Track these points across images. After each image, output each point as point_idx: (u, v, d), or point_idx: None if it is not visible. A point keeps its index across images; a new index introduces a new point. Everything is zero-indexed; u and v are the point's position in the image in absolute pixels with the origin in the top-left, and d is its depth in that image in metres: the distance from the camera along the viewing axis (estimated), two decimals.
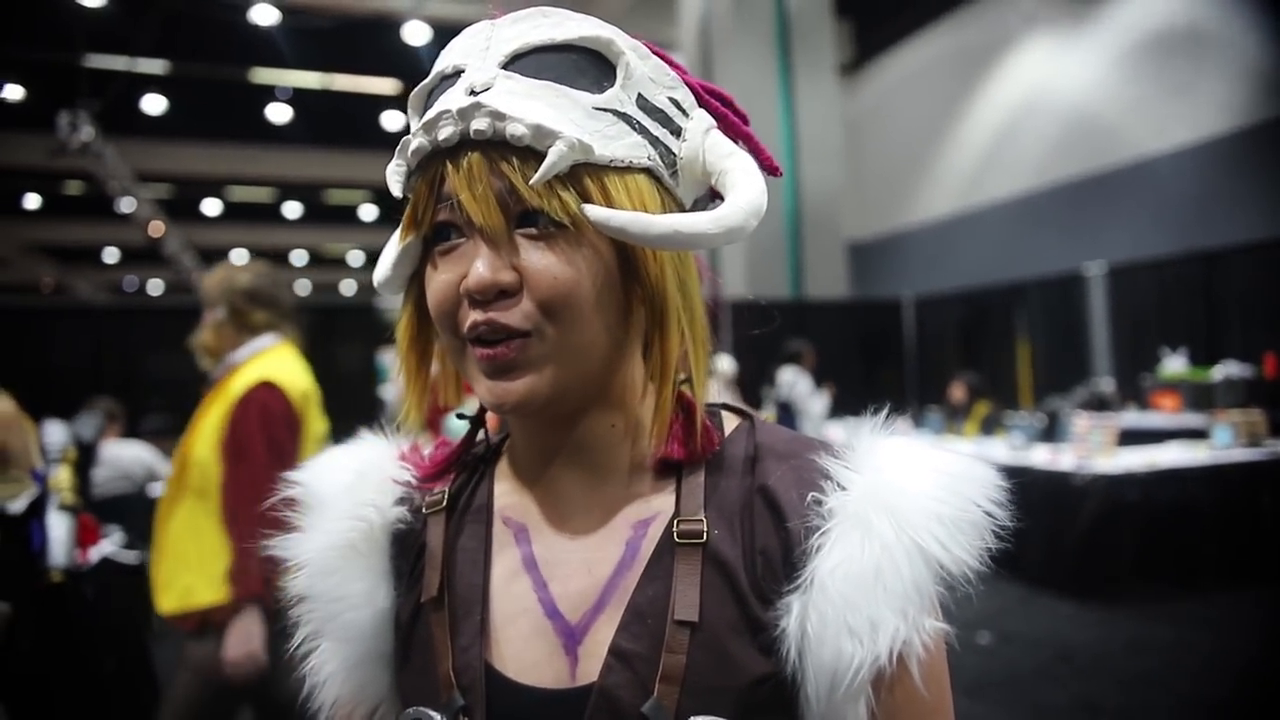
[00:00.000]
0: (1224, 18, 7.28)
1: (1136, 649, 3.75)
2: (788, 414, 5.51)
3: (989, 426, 6.07)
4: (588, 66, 0.53)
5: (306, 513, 0.64)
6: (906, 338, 9.42)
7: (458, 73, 0.54)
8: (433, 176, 0.53)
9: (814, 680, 0.50)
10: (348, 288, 24.49)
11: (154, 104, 11.53)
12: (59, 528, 2.70)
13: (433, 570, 0.60)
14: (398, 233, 0.59)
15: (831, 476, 0.54)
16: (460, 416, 0.66)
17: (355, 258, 22.15)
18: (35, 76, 10.10)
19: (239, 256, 20.47)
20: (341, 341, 8.10)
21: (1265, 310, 6.17)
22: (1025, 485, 4.85)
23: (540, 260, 0.51)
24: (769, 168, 0.59)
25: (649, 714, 0.50)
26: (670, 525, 0.55)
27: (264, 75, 11.81)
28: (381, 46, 10.34)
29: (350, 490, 0.64)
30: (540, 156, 0.50)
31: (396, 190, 0.55)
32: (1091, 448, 4.71)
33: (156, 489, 5.04)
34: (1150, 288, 7.12)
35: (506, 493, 0.63)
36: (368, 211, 18.17)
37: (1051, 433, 5.45)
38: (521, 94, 0.51)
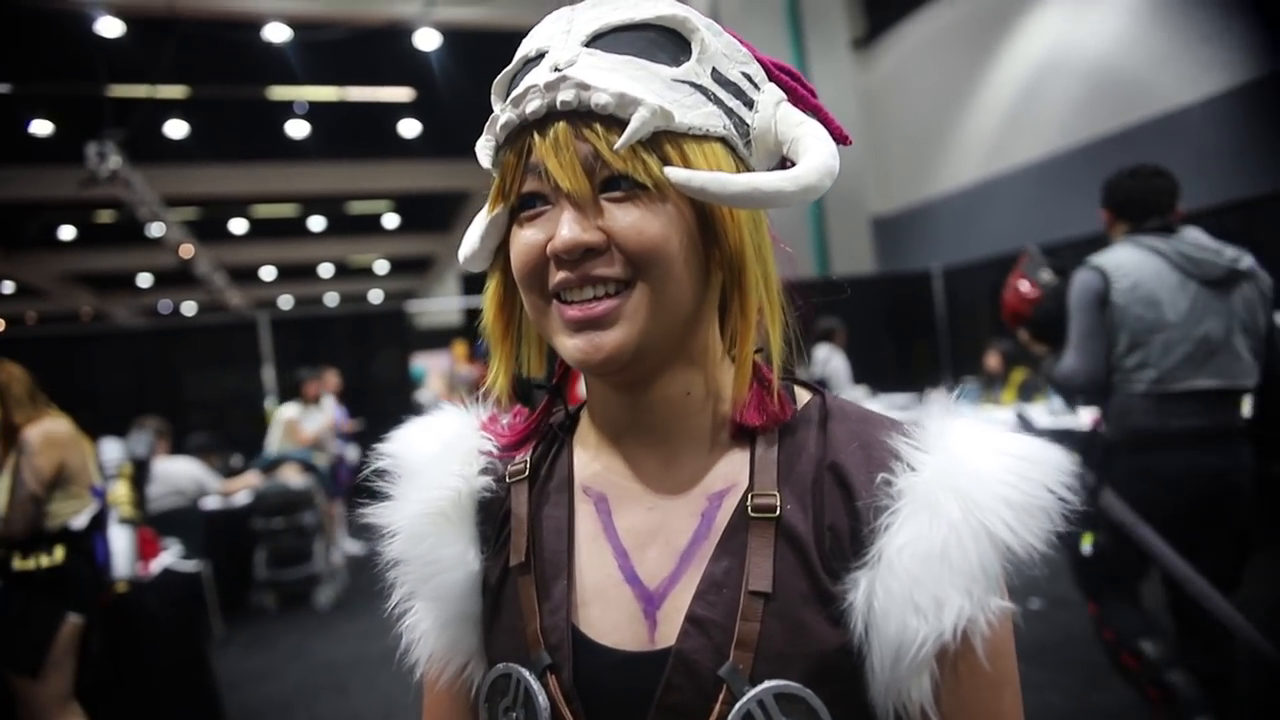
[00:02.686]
0: None
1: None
2: None
3: (1027, 393, 5.99)
4: (665, 43, 0.56)
5: (397, 482, 0.67)
6: (937, 309, 9.33)
7: (541, 55, 0.57)
8: (520, 148, 0.55)
9: (879, 653, 0.52)
10: (375, 296, 24.79)
11: (176, 129, 11.75)
12: (120, 540, 2.79)
13: (519, 537, 0.63)
14: (484, 209, 0.62)
15: (901, 457, 0.56)
16: (538, 387, 0.69)
17: (381, 266, 22.41)
18: (61, 110, 10.34)
19: (268, 273, 20.84)
20: (375, 349, 8.21)
21: None
22: (1069, 448, 4.78)
23: (626, 218, 0.54)
24: (839, 136, 0.61)
25: (725, 677, 0.53)
26: (744, 499, 0.58)
27: (280, 92, 11.97)
28: (394, 55, 10.42)
29: (438, 460, 0.67)
30: (623, 124, 0.52)
31: (486, 162, 0.58)
32: None
33: (211, 503, 5.18)
34: None
35: (586, 462, 0.66)
36: (390, 220, 18.37)
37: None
38: (605, 68, 0.54)
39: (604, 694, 0.56)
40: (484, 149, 0.58)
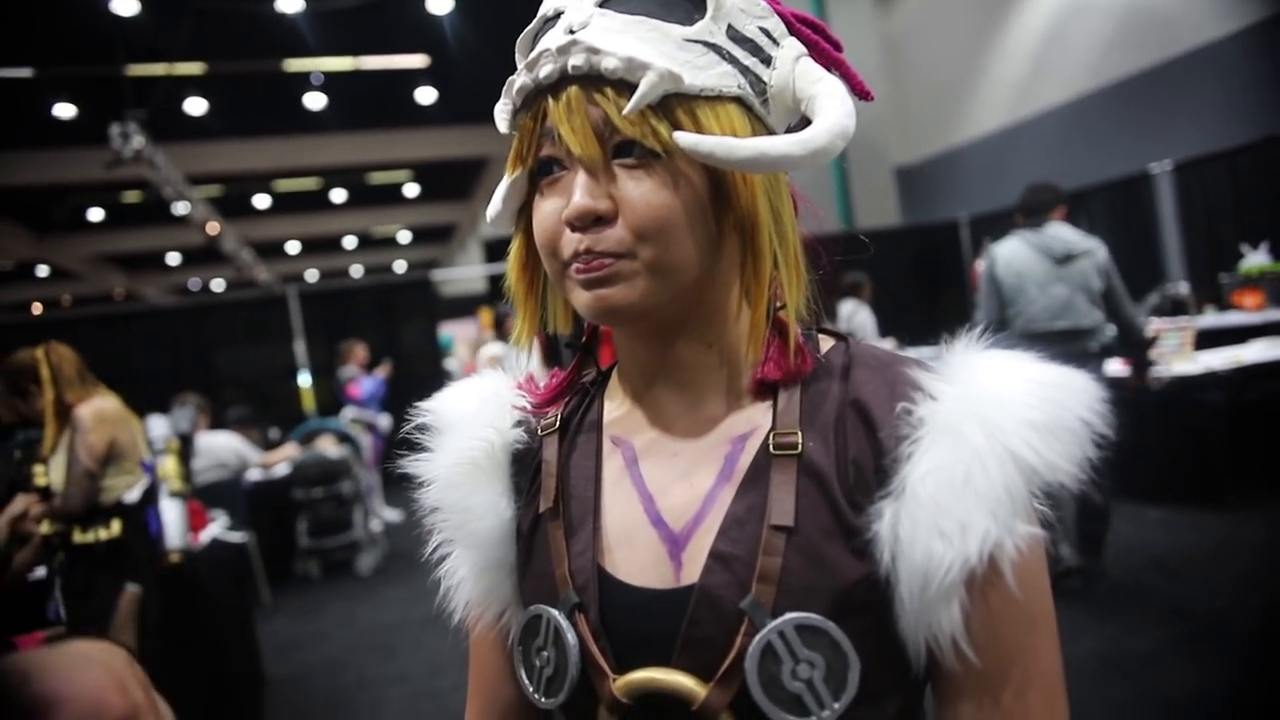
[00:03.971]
0: None
1: (1228, 551, 3.68)
2: None
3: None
4: (679, 1, 0.56)
5: (436, 436, 0.70)
6: (966, 260, 9.18)
7: (558, 15, 0.57)
8: (536, 112, 0.56)
9: (907, 581, 0.52)
10: (399, 267, 24.90)
11: (196, 106, 11.77)
12: (171, 513, 2.89)
13: (549, 483, 0.66)
14: (506, 170, 0.63)
15: (923, 387, 0.56)
16: (568, 345, 0.71)
17: (404, 236, 22.47)
18: (83, 92, 10.39)
19: (293, 247, 21.00)
20: (403, 318, 8.28)
21: None
22: (1135, 399, 4.72)
23: (635, 189, 0.54)
24: (860, 92, 0.61)
25: (747, 610, 0.54)
26: (767, 439, 0.58)
27: (296, 65, 11.92)
28: (407, 22, 10.32)
29: (474, 415, 0.70)
30: (633, 88, 0.53)
31: (503, 127, 0.59)
32: (1168, 353, 4.57)
33: (253, 475, 5.31)
34: (1223, 181, 6.77)
35: (614, 413, 0.68)
36: (411, 190, 18.37)
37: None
38: (616, 30, 0.54)
39: (631, 630, 0.58)
40: (501, 113, 0.59)
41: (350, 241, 21.98)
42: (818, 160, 0.54)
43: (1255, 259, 5.96)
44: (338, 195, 17.82)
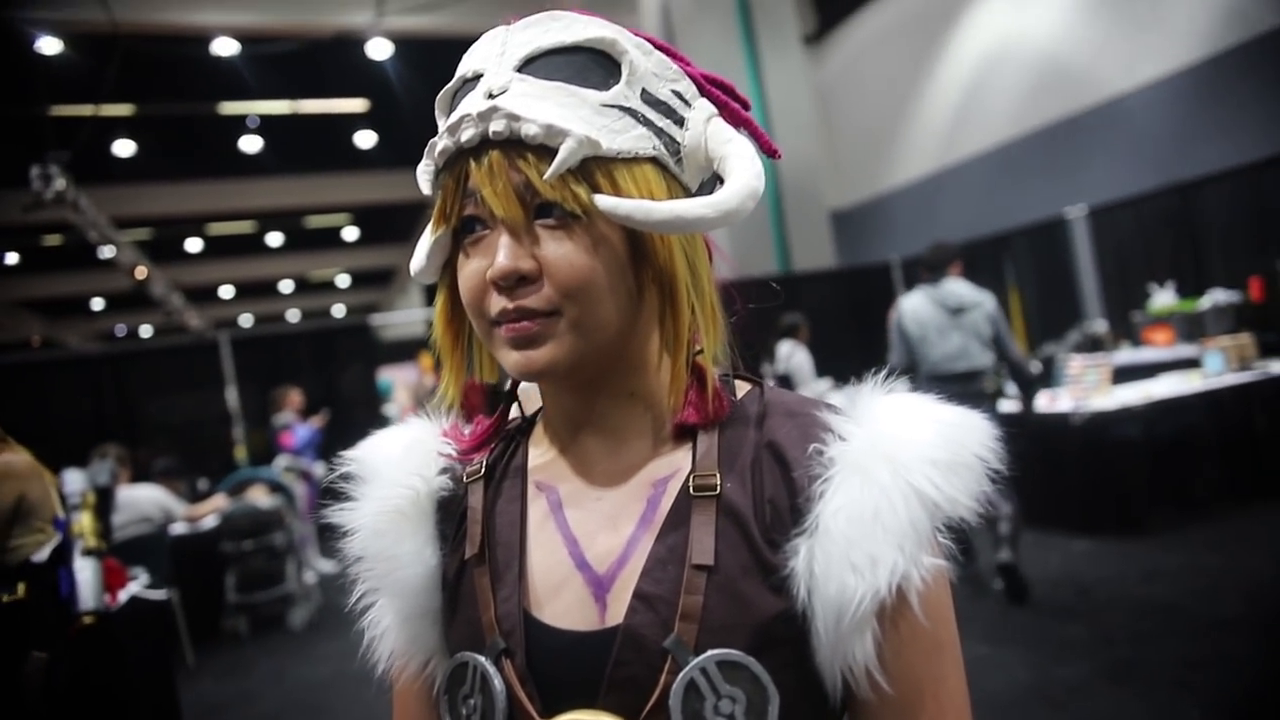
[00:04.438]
0: None
1: (1149, 578, 3.82)
2: (787, 386, 5.57)
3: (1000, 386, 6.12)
4: (595, 66, 0.58)
5: (360, 484, 0.70)
6: (898, 300, 9.47)
7: (477, 76, 0.59)
8: (458, 174, 0.58)
9: (822, 615, 0.54)
10: (337, 311, 24.46)
11: (124, 148, 11.50)
12: (85, 572, 2.74)
13: (475, 529, 0.66)
14: (430, 226, 0.64)
15: (833, 429, 0.59)
16: (495, 392, 0.72)
17: (342, 280, 22.12)
18: (1, 132, 10.07)
19: (226, 291, 20.47)
20: (341, 364, 8.11)
21: (1246, 236, 6.22)
22: (1027, 431, 4.92)
23: (558, 249, 0.56)
24: (768, 150, 0.64)
25: (670, 648, 0.55)
26: (687, 481, 0.60)
27: (231, 107, 11.78)
28: (346, 66, 10.31)
29: (398, 462, 0.70)
30: (553, 153, 0.54)
31: (426, 188, 0.61)
32: (1087, 388, 4.77)
33: (178, 528, 5.10)
34: (1132, 225, 7.17)
35: (539, 459, 0.69)
36: (350, 233, 18.15)
37: (1048, 378, 5.51)
38: (535, 95, 0.56)
39: (557, 674, 0.59)
40: (424, 174, 0.60)
41: (287, 285, 21.55)
42: (730, 221, 0.57)
43: (1162, 298, 6.30)
44: (274, 239, 17.51)
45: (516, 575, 0.62)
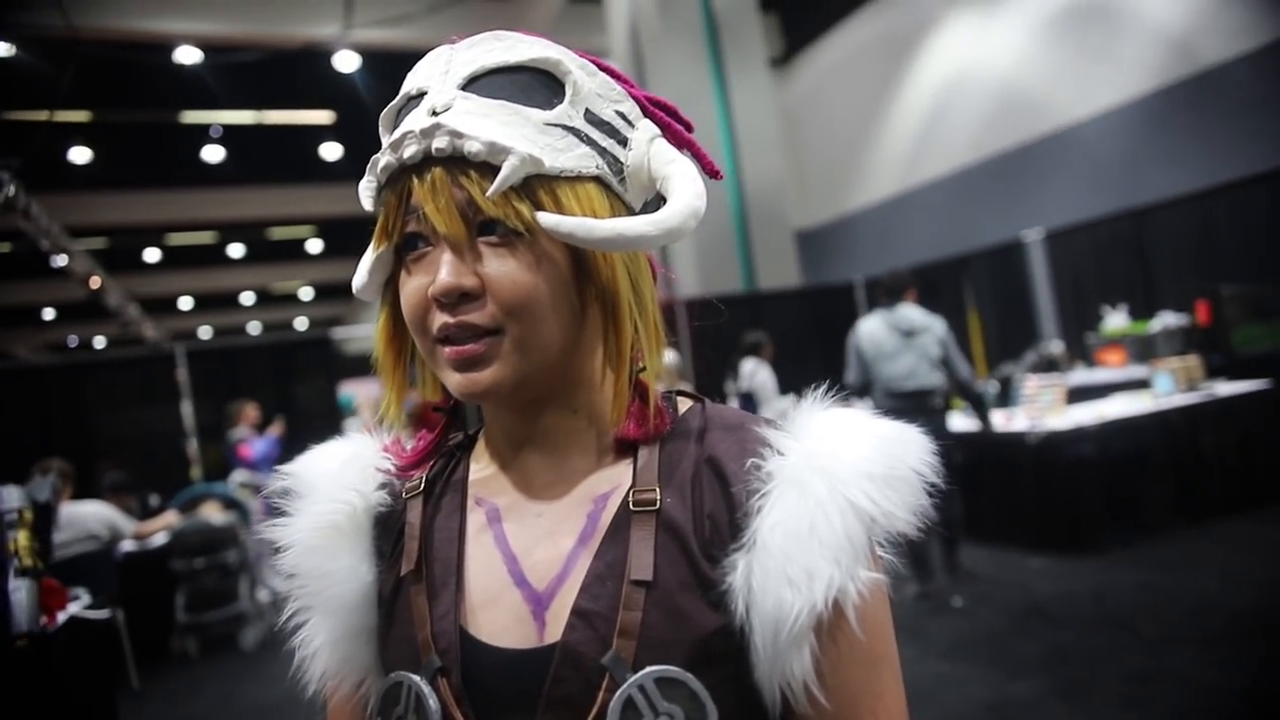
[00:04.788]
0: None
1: (1102, 596, 3.89)
2: (750, 404, 5.58)
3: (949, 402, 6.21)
4: (539, 85, 0.58)
5: (296, 499, 0.69)
6: (860, 320, 9.59)
7: (421, 94, 0.58)
8: (401, 190, 0.57)
9: (760, 630, 0.54)
10: (300, 323, 24.11)
11: (79, 155, 11.26)
12: (20, 592, 2.64)
13: (412, 545, 0.65)
14: (372, 243, 0.64)
15: (771, 444, 0.59)
16: (435, 409, 0.71)
17: (305, 293, 21.82)
18: None
19: (185, 303, 20.07)
20: (301, 378, 7.98)
21: (1194, 261, 6.42)
22: (984, 450, 5.00)
23: (500, 266, 0.56)
24: (710, 172, 0.64)
25: (608, 665, 0.54)
26: (627, 496, 0.60)
27: (194, 116, 11.60)
28: (313, 77, 10.23)
29: (335, 476, 0.69)
30: (496, 170, 0.54)
31: (368, 204, 0.60)
32: (1042, 408, 4.86)
33: (127, 546, 4.94)
34: (1086, 249, 7.36)
35: (480, 476, 0.68)
36: (314, 245, 17.92)
37: (1006, 397, 5.61)
38: (478, 113, 0.55)
39: (495, 693, 0.58)
40: (366, 190, 0.59)
41: (248, 298, 21.19)
42: (672, 239, 0.58)
43: (1115, 320, 6.46)
44: (235, 250, 17.23)
45: (454, 592, 0.61)
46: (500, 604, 0.60)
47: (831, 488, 0.55)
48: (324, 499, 0.68)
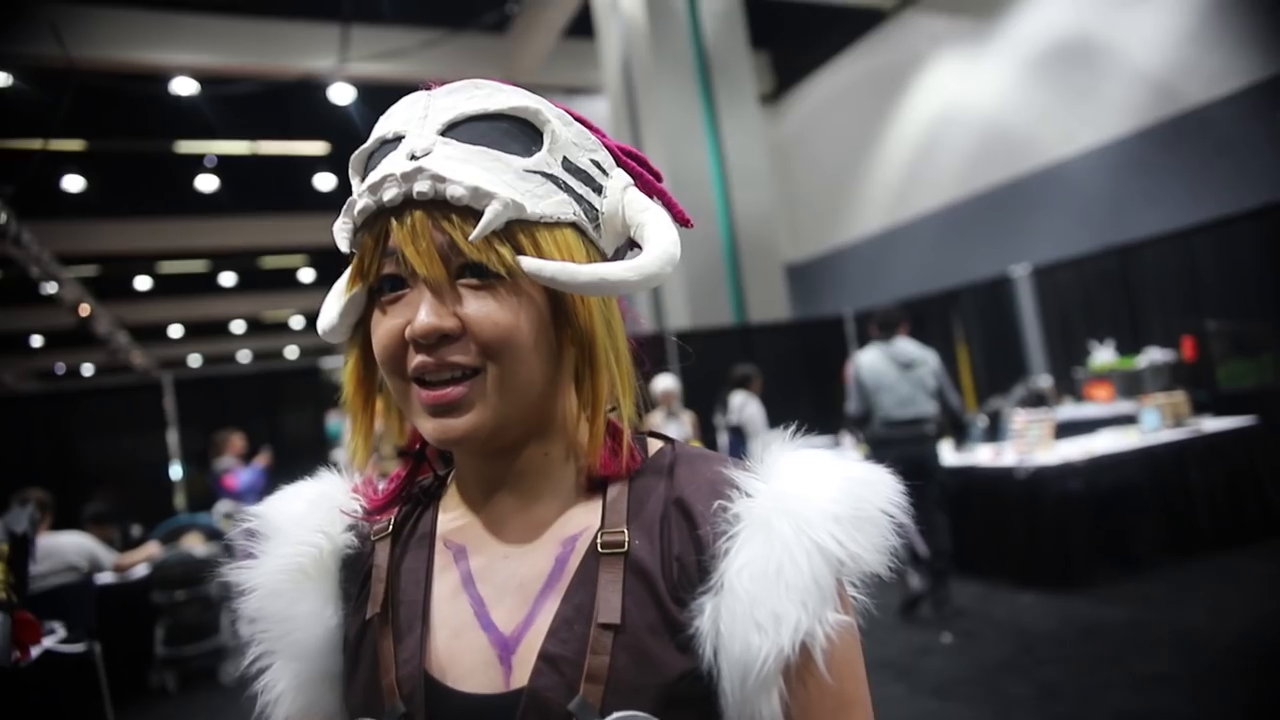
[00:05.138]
0: (1115, 27, 7.74)
1: (1091, 632, 3.86)
2: (740, 437, 5.57)
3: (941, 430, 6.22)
4: (518, 133, 0.58)
5: (261, 541, 0.68)
6: (851, 353, 9.62)
7: (398, 138, 0.58)
8: (378, 233, 0.57)
9: (729, 673, 0.54)
10: (291, 352, 24.03)
11: (73, 183, 11.29)
12: None
13: (378, 588, 0.64)
14: (341, 282, 0.64)
15: (739, 486, 0.59)
16: (402, 454, 0.71)
17: (296, 322, 21.79)
18: None
19: (175, 331, 20.00)
20: (290, 407, 7.93)
21: (1179, 297, 6.50)
22: (973, 485, 5.00)
23: (481, 308, 0.56)
24: (680, 220, 0.65)
25: (575, 711, 0.54)
26: (595, 538, 0.60)
27: (188, 146, 11.67)
28: (307, 109, 10.33)
29: (302, 519, 0.68)
30: (477, 215, 0.55)
31: (344, 246, 0.59)
32: (1030, 443, 4.87)
33: (106, 578, 4.86)
34: (1073, 285, 7.43)
35: (449, 519, 0.67)
36: (306, 275, 17.94)
37: (995, 432, 5.62)
38: (459, 159, 0.56)
39: None
40: (341, 231, 0.59)
41: (239, 326, 21.14)
42: (650, 284, 0.59)
43: (1102, 355, 6.50)
44: (227, 279, 17.24)
45: (419, 637, 0.60)
46: (467, 648, 0.59)
47: (798, 530, 0.55)
48: (290, 541, 0.67)
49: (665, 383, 5.52)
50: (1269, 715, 2.89)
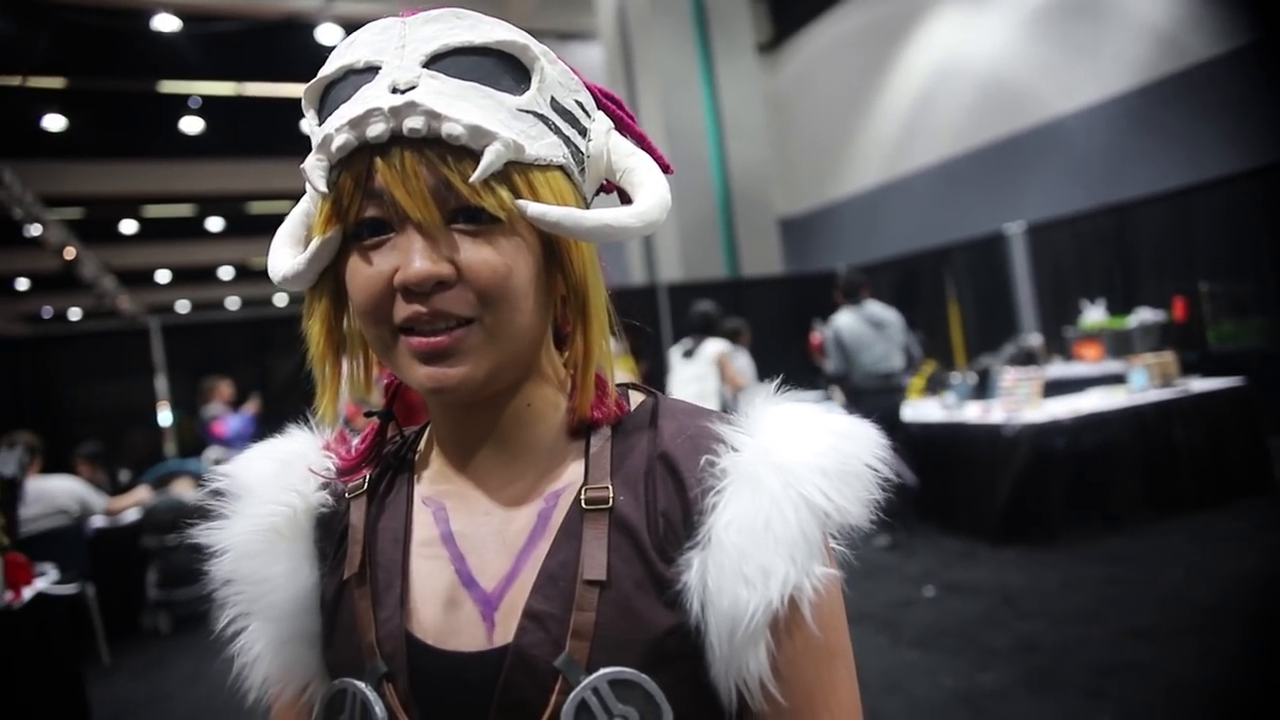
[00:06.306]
0: None
1: (1070, 587, 3.94)
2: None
3: (934, 386, 6.25)
4: (506, 69, 0.55)
5: (232, 501, 0.66)
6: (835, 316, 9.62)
7: (371, 68, 0.54)
8: (359, 172, 0.53)
9: (716, 629, 0.54)
10: (279, 300, 23.84)
11: (54, 122, 11.03)
12: None
13: (355, 548, 0.63)
14: (290, 224, 0.61)
15: (725, 439, 0.58)
16: (369, 414, 0.69)
17: None
18: None
19: (163, 276, 19.78)
20: (278, 355, 7.89)
21: (1173, 258, 6.49)
22: (960, 442, 5.04)
23: (478, 253, 0.53)
24: (662, 165, 0.63)
25: (561, 668, 0.53)
26: (579, 494, 0.59)
27: (172, 86, 11.39)
28: (294, 50, 10.06)
29: (274, 478, 0.66)
30: (471, 154, 0.51)
31: (321, 185, 0.54)
32: (1019, 400, 4.90)
33: (97, 522, 4.89)
34: (1067, 243, 7.41)
35: (427, 475, 0.66)
36: None
37: (984, 389, 5.65)
38: (450, 94, 0.52)
39: (443, 698, 0.56)
40: (316, 169, 0.54)
41: (227, 272, 20.93)
42: (650, 230, 0.57)
43: (1093, 315, 6.52)
44: (214, 224, 17.01)
45: (399, 595, 0.59)
46: (448, 607, 0.58)
47: (786, 483, 0.55)
48: (263, 501, 0.65)
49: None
50: (1245, 672, 2.96)
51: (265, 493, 0.65)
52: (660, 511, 0.57)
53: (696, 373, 5.12)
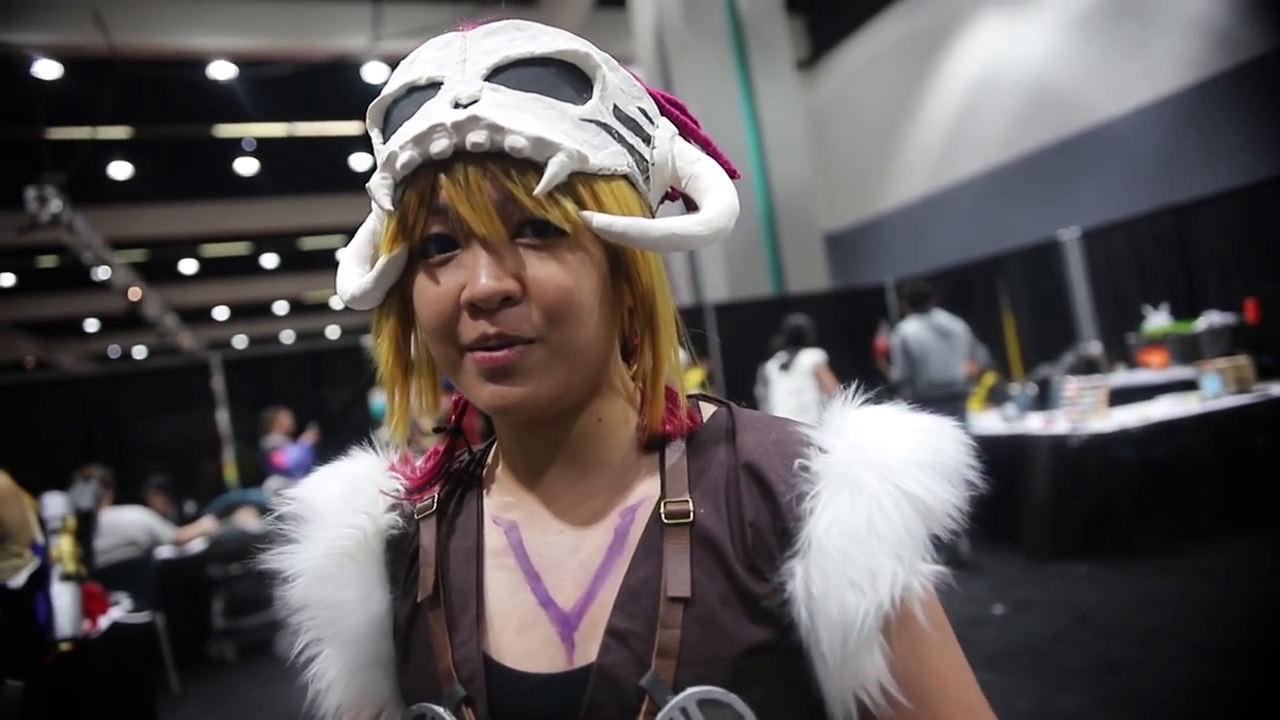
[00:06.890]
0: None
1: (1149, 604, 3.77)
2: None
3: (996, 398, 6.10)
4: (567, 79, 0.55)
5: (302, 525, 0.65)
6: (893, 322, 9.47)
7: (434, 84, 0.54)
8: (423, 189, 0.53)
9: (827, 637, 0.52)
10: (332, 332, 24.42)
11: (120, 170, 11.52)
12: (64, 598, 2.68)
13: (427, 570, 0.62)
14: (357, 244, 0.61)
15: (812, 442, 0.57)
16: (437, 430, 0.68)
17: (337, 301, 22.05)
18: None
19: (221, 313, 20.44)
20: (334, 386, 8.07)
21: (1240, 257, 6.24)
22: (1024, 454, 4.90)
23: (544, 269, 0.53)
24: (729, 170, 0.62)
25: (647, 687, 0.52)
26: (657, 508, 0.57)
27: (228, 130, 11.82)
28: (342, 89, 10.38)
29: (344, 501, 0.66)
30: (536, 167, 0.51)
31: (386, 203, 0.54)
32: (1084, 410, 4.74)
33: (164, 552, 5.02)
34: (1125, 247, 7.19)
35: (496, 493, 0.65)
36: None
37: (1044, 400, 5.49)
38: (512, 106, 0.52)
39: None
40: (381, 187, 0.54)
41: (282, 307, 21.53)
42: (719, 238, 0.56)
43: (1157, 320, 6.30)
44: (269, 260, 17.52)
45: (474, 617, 0.58)
46: (526, 627, 0.57)
47: (884, 480, 0.53)
48: (332, 525, 0.64)
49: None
50: None
51: (335, 516, 0.65)
52: (748, 522, 0.56)
53: (795, 385, 5.16)
